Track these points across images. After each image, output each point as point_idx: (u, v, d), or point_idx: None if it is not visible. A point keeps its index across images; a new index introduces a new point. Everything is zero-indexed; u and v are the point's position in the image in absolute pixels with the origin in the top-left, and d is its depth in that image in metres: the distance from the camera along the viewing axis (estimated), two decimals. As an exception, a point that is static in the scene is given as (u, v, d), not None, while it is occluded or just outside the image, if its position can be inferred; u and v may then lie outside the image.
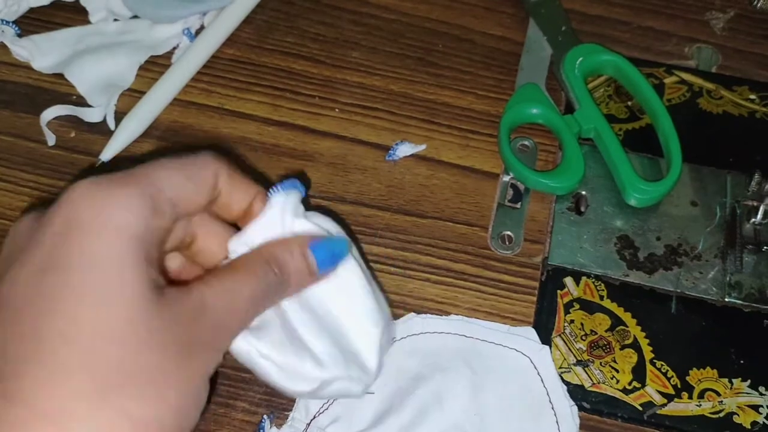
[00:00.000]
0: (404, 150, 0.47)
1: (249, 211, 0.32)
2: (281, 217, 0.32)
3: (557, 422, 0.38)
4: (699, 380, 0.40)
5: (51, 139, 0.47)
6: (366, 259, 0.43)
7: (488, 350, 0.40)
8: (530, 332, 0.40)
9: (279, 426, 0.38)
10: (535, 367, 0.39)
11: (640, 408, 0.39)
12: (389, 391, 0.39)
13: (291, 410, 0.39)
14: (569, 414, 0.38)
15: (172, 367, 0.27)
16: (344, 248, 0.33)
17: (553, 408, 0.38)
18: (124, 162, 0.46)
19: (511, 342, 0.40)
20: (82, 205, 0.27)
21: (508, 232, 0.44)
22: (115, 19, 0.51)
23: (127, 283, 0.26)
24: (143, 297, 0.26)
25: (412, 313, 0.41)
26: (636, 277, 0.42)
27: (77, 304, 0.26)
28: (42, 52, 0.49)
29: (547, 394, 0.38)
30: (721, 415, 0.39)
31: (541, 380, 0.38)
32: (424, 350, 0.40)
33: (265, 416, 0.38)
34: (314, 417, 0.38)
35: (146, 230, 0.27)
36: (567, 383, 0.39)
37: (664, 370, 0.40)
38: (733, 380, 0.40)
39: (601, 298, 0.42)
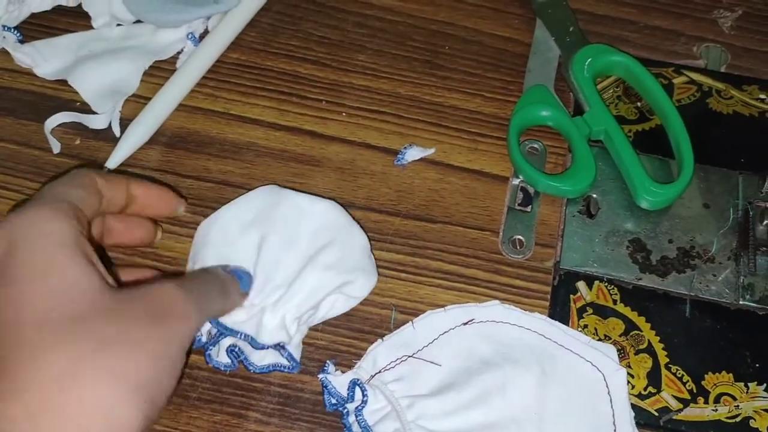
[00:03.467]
0: (413, 154, 0.46)
1: (131, 197, 0.38)
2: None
3: None
4: (714, 385, 0.39)
5: (56, 147, 0.46)
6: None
7: (563, 356, 0.39)
8: (610, 350, 0.40)
9: (344, 371, 0.39)
10: (607, 386, 0.38)
11: (656, 413, 0.39)
12: (456, 366, 0.39)
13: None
14: None
15: (140, 335, 0.29)
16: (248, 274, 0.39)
17: (615, 431, 0.37)
18: (131, 170, 0.45)
19: (589, 354, 0.39)
20: (15, 226, 0.30)
21: (519, 236, 0.44)
22: (118, 24, 0.51)
23: (81, 276, 0.30)
24: (98, 286, 0.30)
25: (496, 301, 0.41)
26: (649, 281, 0.42)
27: (41, 301, 0.29)
28: (44, 58, 0.49)
29: (613, 416, 0.38)
30: (738, 419, 0.39)
31: (610, 401, 0.38)
32: (500, 339, 0.40)
33: (328, 360, 0.39)
34: (379, 371, 0.39)
35: (77, 234, 0.31)
36: (582, 389, 0.39)
37: (679, 375, 0.40)
38: (749, 384, 0.39)
39: (615, 302, 0.42)
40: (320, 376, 0.39)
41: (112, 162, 0.45)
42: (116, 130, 0.47)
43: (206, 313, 0.34)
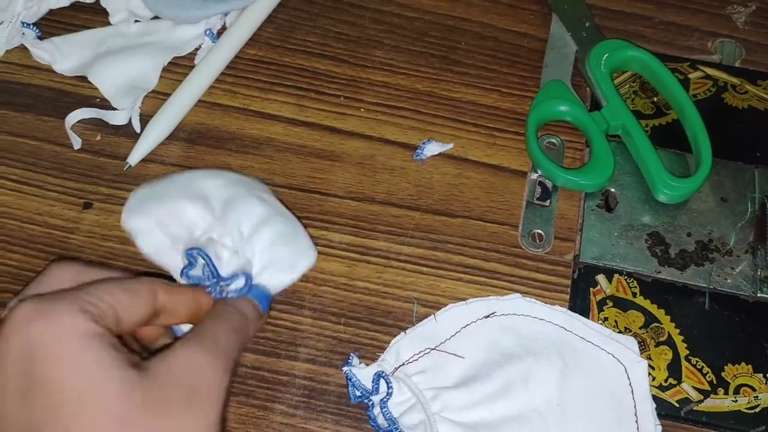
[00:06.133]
0: (431, 149, 0.47)
1: (197, 311, 0.34)
2: None
3: None
4: (734, 376, 0.40)
5: (77, 143, 0.46)
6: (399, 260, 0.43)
7: (585, 348, 0.40)
8: (632, 342, 0.40)
9: (368, 364, 0.39)
10: (629, 378, 0.39)
11: (677, 404, 0.39)
12: (479, 359, 0.39)
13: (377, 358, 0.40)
14: None
15: (177, 426, 0.28)
16: (268, 293, 0.37)
17: (637, 422, 0.38)
18: (152, 165, 0.46)
19: (610, 347, 0.40)
20: (33, 324, 0.28)
21: (539, 230, 0.44)
22: (136, 20, 0.51)
23: (108, 378, 0.28)
24: (126, 383, 0.28)
25: (517, 294, 0.41)
26: (668, 274, 0.43)
27: (71, 417, 0.27)
28: (63, 55, 0.49)
29: (635, 407, 0.38)
30: (757, 410, 0.39)
31: (632, 392, 0.38)
32: (522, 331, 0.40)
33: (352, 353, 0.39)
34: (403, 364, 0.39)
35: (94, 329, 0.29)
36: (603, 381, 0.39)
37: (699, 367, 0.40)
38: (768, 375, 0.40)
39: (634, 295, 0.42)
40: (344, 368, 0.39)
41: (134, 158, 0.45)
42: (136, 126, 0.47)
43: (232, 362, 0.32)
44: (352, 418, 0.39)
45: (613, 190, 0.45)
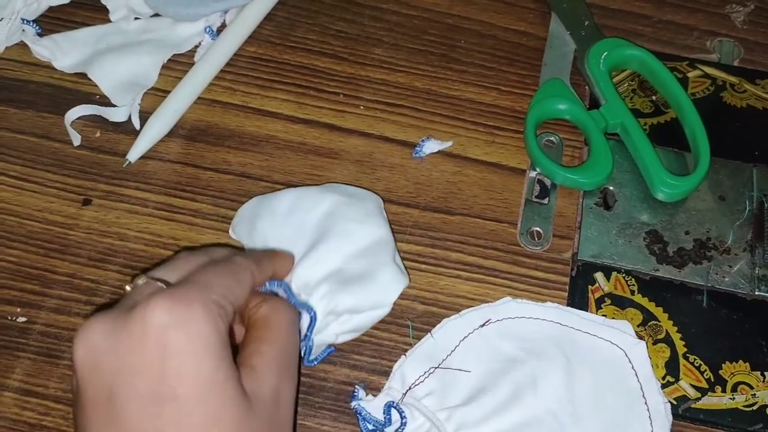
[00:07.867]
0: (430, 147, 0.47)
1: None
2: None
3: (650, 417, 0.38)
4: (732, 374, 0.40)
5: (76, 140, 0.46)
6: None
7: (583, 340, 0.40)
8: (626, 326, 0.40)
9: (375, 395, 0.39)
10: (630, 361, 0.39)
11: (675, 402, 0.39)
12: (483, 370, 0.39)
13: (381, 388, 0.39)
14: (662, 410, 0.38)
15: None
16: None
17: (646, 403, 0.38)
18: (152, 162, 0.46)
19: (606, 333, 0.40)
20: (171, 329, 0.30)
21: (537, 228, 0.44)
22: (136, 18, 0.51)
23: (227, 405, 0.30)
24: (241, 413, 0.31)
25: (508, 297, 0.41)
26: (666, 272, 0.43)
27: (197, 425, 0.30)
28: (63, 52, 0.49)
29: (641, 388, 0.38)
30: (755, 408, 0.39)
31: (636, 374, 0.39)
32: (519, 334, 0.40)
33: (357, 386, 0.39)
34: (410, 388, 0.39)
35: (223, 338, 0.31)
36: (601, 378, 0.39)
37: (697, 364, 0.40)
38: (766, 373, 0.40)
39: (632, 293, 0.42)
40: (353, 404, 0.38)
41: (133, 155, 0.45)
42: (136, 123, 0.47)
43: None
44: (351, 414, 0.39)
45: (611, 188, 0.45)
